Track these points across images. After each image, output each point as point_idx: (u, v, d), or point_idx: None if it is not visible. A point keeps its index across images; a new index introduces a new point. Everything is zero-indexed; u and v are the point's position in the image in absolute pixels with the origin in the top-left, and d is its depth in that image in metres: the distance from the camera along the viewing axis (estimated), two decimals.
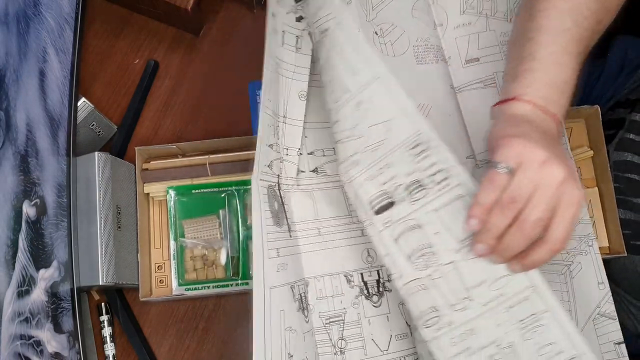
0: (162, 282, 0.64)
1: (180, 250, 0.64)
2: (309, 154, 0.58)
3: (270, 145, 0.53)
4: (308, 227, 0.56)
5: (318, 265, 0.55)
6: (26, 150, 0.51)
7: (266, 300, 0.48)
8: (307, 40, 0.55)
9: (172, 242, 0.64)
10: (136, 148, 0.64)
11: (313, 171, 0.57)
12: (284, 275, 0.51)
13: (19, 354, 0.46)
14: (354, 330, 0.54)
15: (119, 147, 0.68)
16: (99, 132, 0.67)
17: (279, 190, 0.54)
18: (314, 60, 0.55)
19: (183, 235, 0.64)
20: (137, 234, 0.63)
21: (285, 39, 0.54)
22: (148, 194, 0.65)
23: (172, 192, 0.64)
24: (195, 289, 0.63)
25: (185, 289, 0.63)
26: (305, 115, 0.56)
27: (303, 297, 0.52)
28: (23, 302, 0.48)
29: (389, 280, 0.56)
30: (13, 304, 0.46)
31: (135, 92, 0.70)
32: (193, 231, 0.64)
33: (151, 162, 0.65)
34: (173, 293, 0.63)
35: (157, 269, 0.64)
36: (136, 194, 0.64)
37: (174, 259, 0.63)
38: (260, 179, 0.51)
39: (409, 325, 0.55)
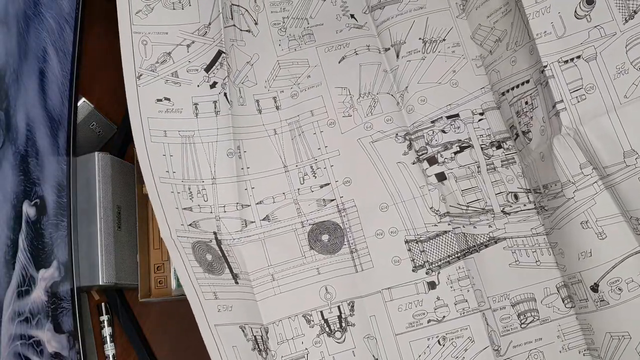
0: (161, 283, 0.64)
1: None
2: (257, 204, 0.59)
3: (188, 209, 0.55)
4: (261, 274, 0.57)
5: (275, 310, 0.56)
6: (26, 150, 0.51)
7: (214, 335, 0.49)
8: (224, 101, 0.58)
9: None
10: (135, 149, 0.63)
11: (264, 219, 0.59)
12: (228, 316, 0.52)
13: (19, 354, 0.46)
14: None
15: (119, 147, 0.68)
16: (99, 132, 0.67)
17: (218, 245, 0.55)
18: None
19: None
20: (136, 234, 0.63)
21: (199, 109, 0.57)
22: (147, 194, 0.65)
23: None
24: None
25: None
26: (247, 167, 0.59)
27: (259, 339, 0.53)
28: (23, 302, 0.48)
29: (351, 315, 0.56)
30: (13, 304, 0.46)
31: None
32: None
33: None
34: (172, 294, 0.63)
35: (156, 270, 0.64)
36: (136, 195, 0.64)
37: None
38: (179, 236, 0.53)
39: (376, 359, 0.56)
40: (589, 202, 0.53)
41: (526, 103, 0.58)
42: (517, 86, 0.59)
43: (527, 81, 0.57)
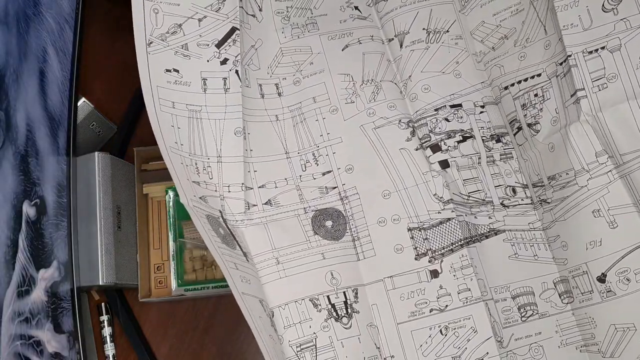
0: (162, 283, 0.64)
1: (180, 251, 0.64)
2: (259, 187, 0.58)
3: (196, 182, 0.54)
4: (266, 257, 0.56)
5: (281, 294, 0.55)
6: (26, 150, 0.51)
7: (244, 303, 0.49)
8: (235, 79, 0.56)
9: (171, 243, 0.64)
10: (135, 149, 0.64)
11: (266, 204, 0.57)
12: (249, 287, 0.52)
13: (19, 354, 0.46)
14: (328, 354, 0.53)
15: (118, 147, 0.68)
16: (99, 132, 0.67)
17: (224, 223, 0.55)
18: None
19: (182, 236, 0.64)
20: (136, 234, 0.63)
21: (207, 85, 0.56)
22: (147, 194, 0.65)
23: (171, 193, 0.64)
24: (195, 289, 0.63)
25: (184, 290, 0.63)
26: (251, 150, 0.58)
27: (271, 317, 0.53)
28: (23, 302, 0.48)
29: (355, 302, 0.56)
30: (13, 304, 0.46)
31: (135, 92, 0.70)
32: (192, 232, 0.64)
33: (150, 163, 0.65)
34: (172, 294, 0.63)
35: (156, 270, 0.64)
36: (136, 195, 0.64)
37: (173, 259, 0.63)
38: (194, 206, 0.52)
39: (378, 348, 0.55)
40: (602, 191, 0.53)
41: (535, 95, 0.58)
42: (526, 79, 0.59)
43: (539, 74, 0.58)
